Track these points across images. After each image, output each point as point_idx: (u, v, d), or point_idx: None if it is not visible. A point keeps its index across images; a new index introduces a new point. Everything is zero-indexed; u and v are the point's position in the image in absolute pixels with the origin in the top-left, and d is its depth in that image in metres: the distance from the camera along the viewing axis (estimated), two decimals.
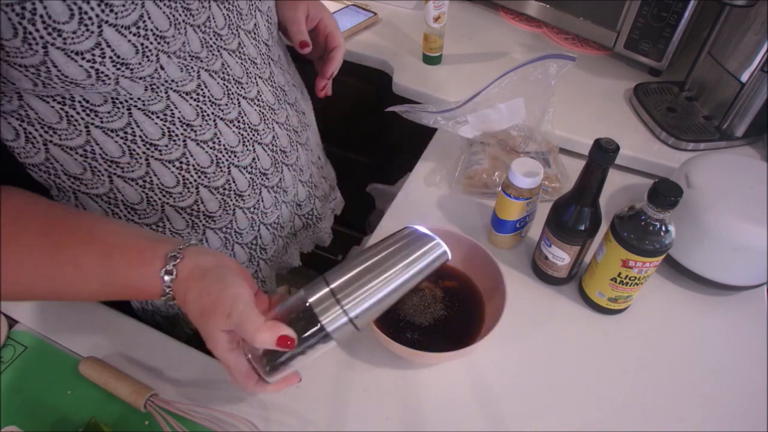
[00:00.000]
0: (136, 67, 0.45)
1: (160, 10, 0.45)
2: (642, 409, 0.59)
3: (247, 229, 0.67)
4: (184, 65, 0.50)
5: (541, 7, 1.07)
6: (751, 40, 0.80)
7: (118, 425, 0.55)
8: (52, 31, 0.40)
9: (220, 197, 0.61)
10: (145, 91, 0.48)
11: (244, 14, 0.57)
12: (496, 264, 0.62)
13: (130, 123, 0.50)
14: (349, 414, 0.57)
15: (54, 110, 0.47)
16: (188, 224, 0.61)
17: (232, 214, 0.63)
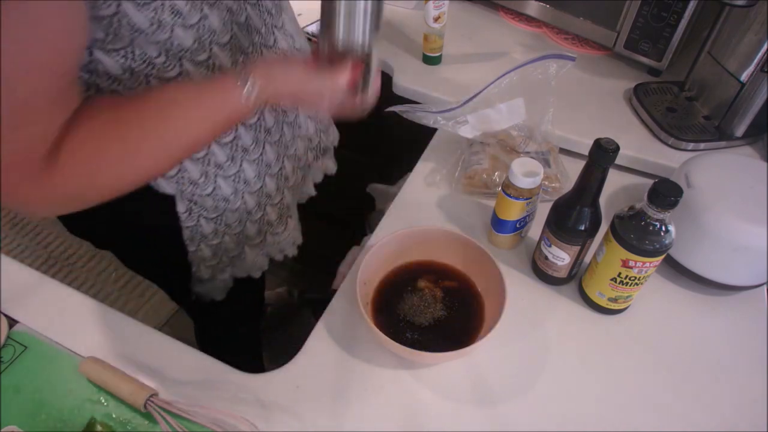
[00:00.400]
0: (186, 14, 0.51)
1: None
2: (642, 408, 0.59)
3: (273, 162, 0.73)
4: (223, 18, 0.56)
5: (541, 7, 1.07)
6: (751, 40, 0.80)
7: (118, 425, 0.55)
8: None
9: (253, 133, 0.68)
10: (193, 43, 0.54)
11: None
12: (496, 264, 0.62)
13: (181, 73, 0.55)
14: (349, 414, 0.57)
15: (118, 63, 0.52)
16: (227, 158, 0.67)
17: (262, 148, 0.70)
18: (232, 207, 0.71)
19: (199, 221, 0.70)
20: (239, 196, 0.71)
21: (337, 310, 0.67)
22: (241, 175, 0.69)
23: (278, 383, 0.59)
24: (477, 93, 0.78)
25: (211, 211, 0.70)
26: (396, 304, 0.65)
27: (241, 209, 0.73)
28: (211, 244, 0.73)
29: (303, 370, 0.61)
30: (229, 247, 0.76)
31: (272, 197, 0.77)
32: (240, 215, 0.73)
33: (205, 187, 0.67)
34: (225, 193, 0.69)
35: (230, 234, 0.74)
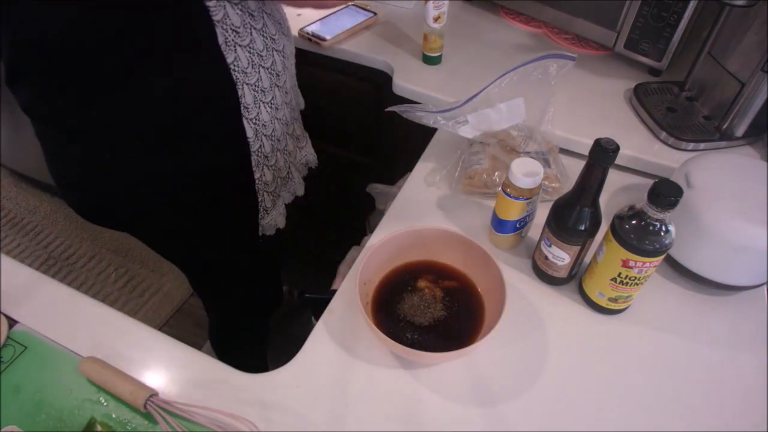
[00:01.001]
0: None
1: None
2: (642, 408, 0.59)
3: (269, 122, 0.77)
4: None
5: (541, 7, 1.07)
6: (751, 40, 0.80)
7: (118, 425, 0.55)
8: None
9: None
10: None
11: None
12: (496, 264, 0.62)
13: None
14: (349, 414, 0.57)
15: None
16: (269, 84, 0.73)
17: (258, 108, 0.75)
18: (280, 115, 0.78)
19: (262, 141, 0.76)
20: (283, 107, 0.78)
21: (337, 310, 0.67)
22: (276, 97, 0.76)
23: (278, 383, 0.59)
24: (477, 93, 0.78)
25: (269, 127, 0.76)
26: (396, 304, 0.65)
27: (284, 120, 0.80)
28: (270, 165, 0.81)
29: (303, 370, 0.61)
30: (281, 166, 0.84)
31: (288, 125, 0.84)
32: (284, 127, 0.81)
33: (267, 93, 0.73)
34: (277, 101, 0.76)
35: (281, 150, 0.82)
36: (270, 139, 0.78)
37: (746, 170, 0.69)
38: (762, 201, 0.64)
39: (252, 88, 0.70)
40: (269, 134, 0.77)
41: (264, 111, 0.74)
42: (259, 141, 0.76)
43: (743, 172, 0.69)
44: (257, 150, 0.76)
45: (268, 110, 0.74)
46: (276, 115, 0.77)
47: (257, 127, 0.74)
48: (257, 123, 0.74)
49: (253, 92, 0.71)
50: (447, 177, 0.84)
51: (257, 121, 0.74)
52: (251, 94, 0.71)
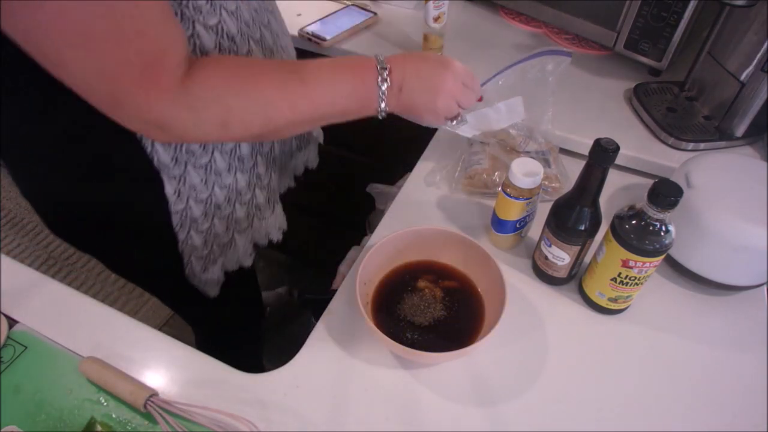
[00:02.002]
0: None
1: None
2: (642, 408, 0.59)
3: (199, 184, 0.71)
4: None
5: (541, 7, 1.07)
6: (751, 40, 0.80)
7: (118, 425, 0.55)
8: None
9: None
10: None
11: None
12: (496, 264, 0.62)
13: (193, 35, 0.56)
14: (349, 414, 0.57)
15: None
16: None
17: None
18: (224, 183, 0.70)
19: (189, 203, 0.69)
20: (232, 173, 0.71)
21: (337, 310, 0.67)
22: (236, 150, 0.69)
23: (278, 383, 0.59)
24: None
25: (200, 191, 0.69)
26: (396, 304, 0.65)
27: (231, 188, 0.72)
28: (201, 230, 0.73)
29: (303, 370, 0.61)
30: (219, 233, 0.75)
31: (261, 178, 0.77)
32: (229, 194, 0.72)
33: (201, 157, 0.66)
34: (219, 167, 0.68)
35: (219, 217, 0.73)
36: (202, 203, 0.70)
37: (746, 170, 0.69)
38: (762, 201, 0.64)
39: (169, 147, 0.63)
40: (199, 198, 0.69)
41: (194, 174, 0.67)
42: (183, 202, 0.68)
43: (743, 172, 0.69)
44: (181, 211, 0.69)
45: (199, 174, 0.67)
46: (210, 178, 0.69)
47: (180, 186, 0.66)
48: (181, 182, 0.66)
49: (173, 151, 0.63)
50: (447, 177, 0.84)
51: (182, 180, 0.66)
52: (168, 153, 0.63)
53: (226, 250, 0.78)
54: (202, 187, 0.68)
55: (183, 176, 0.66)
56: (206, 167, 0.67)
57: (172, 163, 0.64)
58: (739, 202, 0.64)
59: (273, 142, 0.76)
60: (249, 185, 0.75)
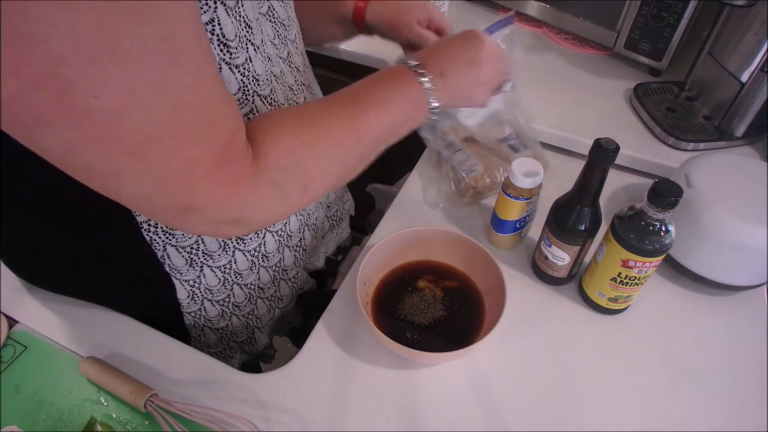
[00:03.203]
0: (233, 49, 0.47)
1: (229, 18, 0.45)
2: (642, 408, 0.59)
3: (295, 232, 0.69)
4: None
5: (541, 7, 1.07)
6: (751, 40, 0.80)
7: (118, 425, 0.55)
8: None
9: None
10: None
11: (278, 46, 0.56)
12: (496, 264, 0.62)
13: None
14: (349, 414, 0.57)
15: None
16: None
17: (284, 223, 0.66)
18: (245, 281, 0.65)
19: (204, 305, 0.63)
20: (255, 271, 0.65)
21: (337, 310, 0.67)
22: (261, 248, 0.63)
23: (278, 383, 0.59)
24: None
25: (217, 293, 0.63)
26: (396, 304, 0.65)
27: (253, 285, 0.66)
28: (216, 328, 0.67)
29: (303, 370, 0.61)
30: (238, 331, 0.69)
31: (288, 271, 0.71)
32: (250, 292, 0.67)
33: (219, 259, 0.60)
34: (240, 267, 0.62)
35: (238, 315, 0.68)
36: (218, 304, 0.64)
37: (746, 170, 0.69)
38: (762, 201, 0.64)
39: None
40: (216, 299, 0.64)
41: (210, 276, 0.61)
42: (198, 304, 0.63)
43: (743, 172, 0.69)
44: (195, 312, 0.64)
45: (217, 276, 0.62)
46: (229, 278, 0.63)
47: (194, 289, 0.61)
48: (196, 285, 0.61)
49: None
50: (449, 197, 0.81)
51: (197, 283, 0.60)
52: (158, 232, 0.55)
53: (246, 346, 0.73)
54: (219, 288, 0.63)
55: (198, 278, 0.60)
56: (224, 268, 0.62)
57: (186, 266, 0.58)
58: (739, 202, 0.64)
59: (303, 233, 0.71)
60: (274, 280, 0.69)
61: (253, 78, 0.51)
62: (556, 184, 0.68)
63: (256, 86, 0.52)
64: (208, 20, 0.43)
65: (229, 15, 0.45)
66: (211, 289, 0.62)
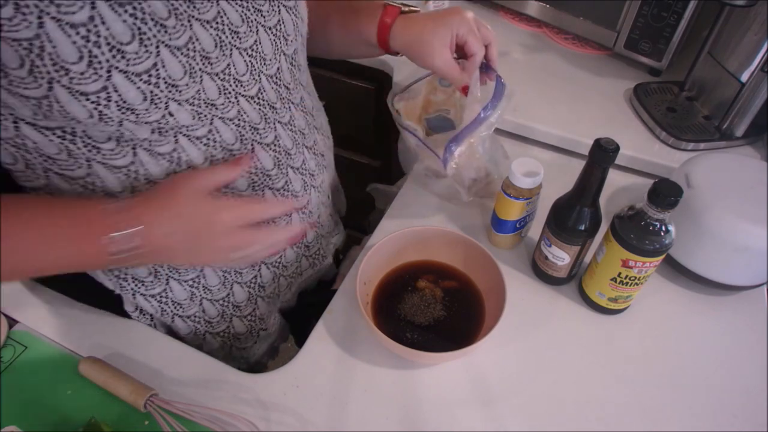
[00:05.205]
0: (142, 112, 0.44)
1: (176, 59, 0.44)
2: (642, 408, 0.59)
3: (247, 269, 0.65)
4: (197, 112, 0.48)
5: (541, 7, 1.07)
6: (751, 40, 0.80)
7: (118, 425, 0.55)
8: (59, 69, 0.39)
9: None
10: (152, 134, 0.47)
11: (267, 60, 0.54)
12: (496, 264, 0.62)
13: (134, 162, 0.49)
14: (349, 414, 0.57)
15: (53, 143, 0.46)
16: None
17: None
18: (186, 313, 0.63)
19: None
20: (196, 302, 0.63)
21: (337, 310, 0.67)
22: (200, 280, 0.62)
23: (278, 383, 0.59)
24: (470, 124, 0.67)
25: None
26: (396, 304, 0.65)
27: (198, 317, 0.65)
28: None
29: (303, 370, 0.61)
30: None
31: (241, 308, 0.68)
32: (196, 325, 0.65)
33: (152, 287, 0.59)
34: (178, 297, 0.61)
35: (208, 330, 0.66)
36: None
37: (746, 170, 0.69)
38: (762, 201, 0.64)
39: None
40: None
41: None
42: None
43: (743, 172, 0.69)
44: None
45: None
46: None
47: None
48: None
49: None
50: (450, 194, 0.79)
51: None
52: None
53: None
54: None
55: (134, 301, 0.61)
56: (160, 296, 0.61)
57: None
58: (739, 202, 0.64)
59: (260, 270, 0.67)
60: (223, 316, 0.66)
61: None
62: (556, 184, 0.68)
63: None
64: (151, 65, 0.42)
65: (175, 55, 0.43)
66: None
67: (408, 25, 0.64)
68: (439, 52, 0.62)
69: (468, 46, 0.63)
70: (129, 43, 0.40)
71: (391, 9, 0.65)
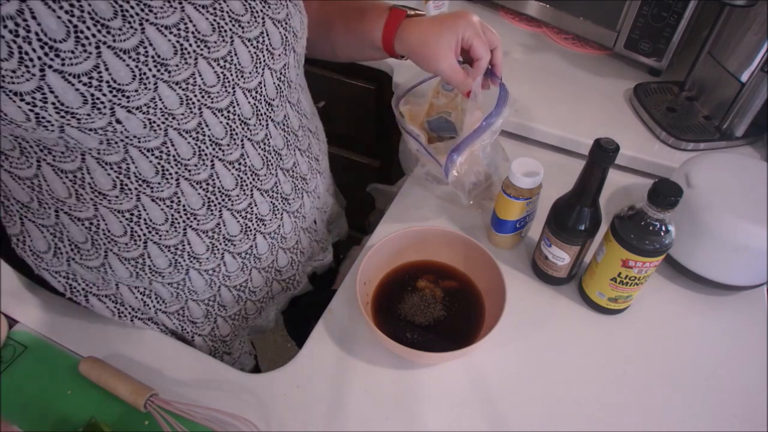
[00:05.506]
0: (84, 117, 0.42)
1: (122, 62, 0.41)
2: (642, 408, 0.59)
3: (204, 289, 0.62)
4: (150, 121, 0.45)
5: (541, 7, 1.07)
6: (751, 40, 0.80)
7: (118, 425, 0.55)
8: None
9: (171, 256, 0.56)
10: (100, 144, 0.45)
11: (246, 72, 0.51)
12: (496, 264, 0.62)
13: (81, 168, 0.47)
14: (349, 414, 0.57)
15: (7, 140, 0.46)
16: (170, 263, 0.58)
17: (186, 274, 0.59)
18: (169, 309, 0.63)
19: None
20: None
21: (337, 310, 0.67)
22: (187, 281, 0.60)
23: (278, 383, 0.59)
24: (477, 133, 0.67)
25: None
26: (396, 304, 0.65)
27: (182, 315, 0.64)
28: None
29: (303, 370, 0.61)
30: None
31: (198, 325, 0.66)
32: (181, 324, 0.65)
33: (104, 288, 0.59)
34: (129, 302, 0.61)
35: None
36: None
37: (746, 170, 0.69)
38: (762, 201, 0.64)
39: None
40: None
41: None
42: None
43: (743, 172, 0.69)
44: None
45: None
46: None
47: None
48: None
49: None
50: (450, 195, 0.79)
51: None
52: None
53: None
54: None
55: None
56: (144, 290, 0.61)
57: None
58: (739, 202, 0.64)
59: (221, 302, 0.65)
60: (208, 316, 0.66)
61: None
62: (556, 184, 0.68)
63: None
64: (91, 66, 0.41)
65: (120, 58, 0.42)
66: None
67: (413, 28, 0.64)
68: (444, 56, 0.62)
69: (473, 50, 0.63)
70: (63, 41, 0.38)
71: (397, 13, 0.65)
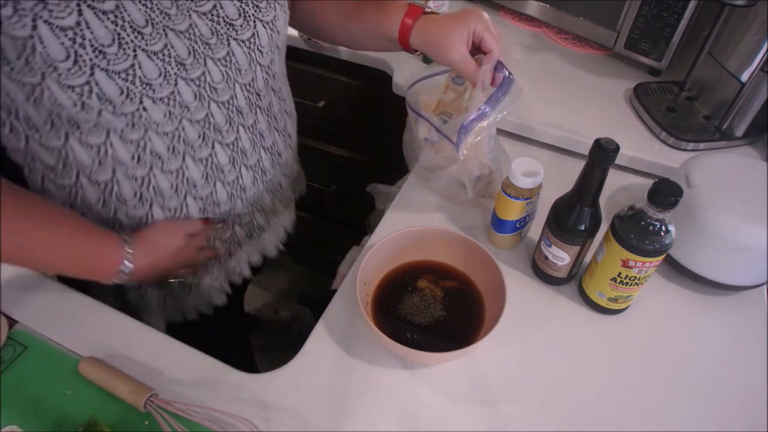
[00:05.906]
0: (119, 105, 0.51)
1: (152, 62, 0.51)
2: (642, 409, 0.59)
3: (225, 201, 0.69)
4: (169, 112, 0.55)
5: (541, 7, 1.07)
6: (751, 40, 0.80)
7: (118, 425, 0.55)
8: (49, 66, 0.47)
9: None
10: (126, 126, 0.54)
11: (243, 70, 0.60)
12: (496, 264, 0.62)
13: (105, 143, 0.56)
14: (349, 414, 0.57)
15: (44, 117, 0.53)
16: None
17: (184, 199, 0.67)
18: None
19: None
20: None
21: (337, 310, 0.67)
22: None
23: (278, 383, 0.59)
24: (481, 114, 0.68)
25: None
26: (396, 304, 0.65)
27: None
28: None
29: (303, 370, 0.61)
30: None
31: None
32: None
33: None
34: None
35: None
36: None
37: (746, 170, 0.69)
38: (762, 201, 0.64)
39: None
40: None
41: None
42: None
43: (743, 172, 0.69)
44: None
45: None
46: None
47: None
48: None
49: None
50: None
51: None
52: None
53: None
54: None
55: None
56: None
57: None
58: (739, 202, 0.64)
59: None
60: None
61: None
62: (556, 184, 0.68)
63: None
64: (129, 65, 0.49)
65: (151, 59, 0.51)
66: None
67: (428, 24, 0.69)
68: (457, 48, 0.66)
69: (485, 43, 0.67)
70: (110, 46, 0.48)
71: (414, 9, 0.69)
